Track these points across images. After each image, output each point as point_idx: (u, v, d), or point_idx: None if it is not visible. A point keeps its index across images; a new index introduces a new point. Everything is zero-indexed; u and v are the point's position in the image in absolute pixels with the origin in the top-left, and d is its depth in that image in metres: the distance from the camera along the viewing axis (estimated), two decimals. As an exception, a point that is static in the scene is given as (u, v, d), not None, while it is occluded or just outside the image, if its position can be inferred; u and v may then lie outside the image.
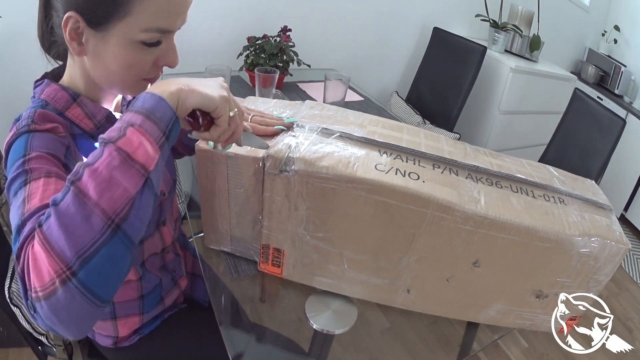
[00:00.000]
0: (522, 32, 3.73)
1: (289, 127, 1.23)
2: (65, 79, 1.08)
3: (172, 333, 1.38)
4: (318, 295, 1.32)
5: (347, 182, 1.06)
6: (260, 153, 1.13)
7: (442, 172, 1.14)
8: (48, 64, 1.12)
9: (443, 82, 3.49)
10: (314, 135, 1.19)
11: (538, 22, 3.82)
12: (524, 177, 1.23)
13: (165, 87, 0.85)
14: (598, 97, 4.23)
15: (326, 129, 1.23)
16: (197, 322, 1.40)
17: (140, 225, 0.79)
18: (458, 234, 1.08)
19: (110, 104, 1.15)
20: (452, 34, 3.51)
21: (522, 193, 1.16)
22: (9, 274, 1.40)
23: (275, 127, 1.21)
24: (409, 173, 1.09)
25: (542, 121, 3.80)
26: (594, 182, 1.37)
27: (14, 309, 1.37)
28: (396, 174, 1.08)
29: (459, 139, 3.04)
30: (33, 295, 0.71)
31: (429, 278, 1.19)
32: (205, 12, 2.92)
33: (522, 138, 3.95)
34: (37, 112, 0.96)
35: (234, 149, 1.14)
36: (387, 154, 1.16)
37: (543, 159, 2.84)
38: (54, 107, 1.02)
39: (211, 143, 1.13)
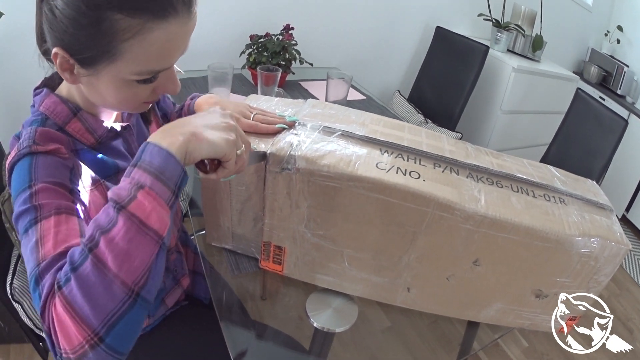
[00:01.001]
0: (524, 31, 3.73)
1: (291, 125, 1.23)
2: (63, 90, 1.06)
3: (173, 330, 1.38)
4: (319, 293, 1.33)
5: (348, 180, 1.06)
6: (262, 151, 1.13)
7: (442, 171, 1.14)
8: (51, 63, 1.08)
9: (445, 82, 3.49)
10: (316, 134, 1.20)
11: (541, 21, 3.82)
12: (524, 176, 1.23)
13: (172, 138, 0.84)
14: (600, 97, 4.23)
15: (328, 127, 1.23)
16: (198, 319, 1.41)
17: (156, 285, 0.82)
18: (458, 233, 1.08)
19: (110, 115, 1.12)
20: (454, 33, 3.51)
21: (522, 193, 1.16)
22: (10, 270, 1.41)
23: (277, 125, 1.21)
24: (410, 172, 1.09)
25: (544, 121, 3.80)
26: (595, 182, 1.37)
27: (16, 305, 1.38)
28: (397, 172, 1.08)
29: (460, 139, 3.04)
30: (63, 354, 0.75)
31: (429, 277, 1.20)
32: (208, 10, 2.90)
33: (524, 138, 3.96)
34: (38, 131, 0.94)
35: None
36: (388, 152, 1.16)
37: (545, 159, 2.84)
38: (54, 121, 1.00)
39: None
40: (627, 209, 4.23)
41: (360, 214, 1.11)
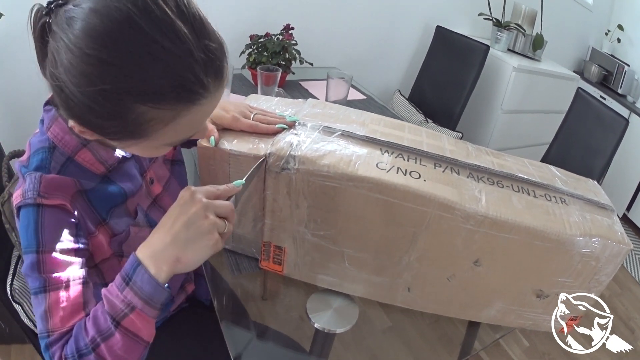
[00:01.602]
0: (525, 31, 3.73)
1: (291, 125, 1.23)
2: None
3: (174, 332, 1.37)
4: (319, 294, 1.33)
5: (348, 180, 1.06)
6: (262, 151, 1.14)
7: (443, 171, 1.14)
8: None
9: (445, 81, 3.49)
10: (316, 134, 1.20)
11: (541, 21, 3.82)
12: (525, 176, 1.23)
13: (158, 266, 0.88)
14: (601, 96, 4.23)
15: (328, 127, 1.23)
16: (199, 320, 1.40)
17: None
18: (459, 233, 1.08)
19: None
20: (454, 32, 3.51)
21: (523, 192, 1.16)
22: (10, 272, 1.39)
23: (278, 125, 1.21)
24: (410, 172, 1.09)
25: (545, 120, 3.80)
26: (596, 182, 1.37)
27: (16, 306, 1.36)
28: (397, 172, 1.08)
29: (461, 138, 3.05)
30: None
31: (429, 277, 1.19)
32: (208, 9, 2.88)
33: (525, 137, 3.95)
34: (42, 181, 0.92)
35: (236, 146, 1.16)
36: (388, 152, 1.16)
37: (546, 158, 2.84)
38: (61, 150, 0.98)
39: (212, 140, 1.15)
40: (628, 208, 4.23)
41: (361, 214, 1.11)
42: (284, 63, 2.69)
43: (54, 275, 0.91)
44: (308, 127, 1.23)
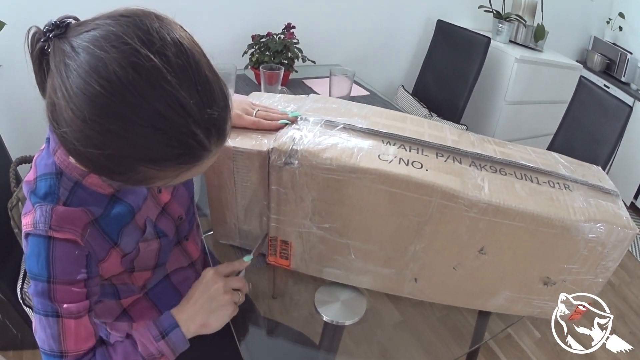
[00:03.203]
0: (525, 22, 3.72)
1: (293, 121, 1.24)
2: None
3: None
4: (327, 286, 1.34)
5: (350, 172, 1.07)
6: (265, 147, 1.15)
7: (445, 161, 1.15)
8: None
9: (448, 75, 3.49)
10: (318, 128, 1.20)
11: (542, 11, 3.80)
12: (528, 164, 1.23)
13: (190, 328, 1.10)
14: (604, 85, 4.20)
15: (330, 121, 1.24)
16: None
17: None
18: (463, 221, 1.09)
19: None
20: (455, 26, 3.51)
21: (526, 180, 1.17)
22: (20, 275, 1.42)
23: (280, 121, 1.23)
24: (412, 162, 1.10)
25: (549, 110, 3.78)
26: (599, 168, 1.37)
27: (27, 309, 1.39)
28: (399, 163, 1.09)
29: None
30: None
31: (435, 266, 1.20)
32: (210, 11, 2.94)
33: (529, 128, 3.94)
34: (54, 214, 0.93)
35: (240, 142, 1.19)
36: (390, 143, 1.17)
37: (550, 148, 2.83)
38: (69, 175, 0.98)
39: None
40: (636, 197, 4.22)
41: (365, 205, 1.12)
42: (286, 62, 2.70)
43: (66, 305, 0.96)
44: (310, 122, 1.24)
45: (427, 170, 1.08)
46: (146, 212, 1.14)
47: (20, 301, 1.38)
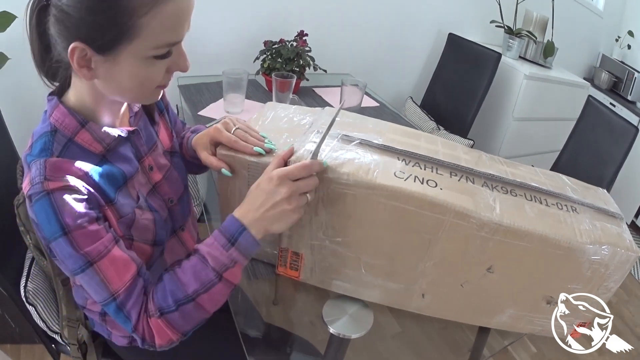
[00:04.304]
0: (536, 38, 3.74)
1: (268, 152, 1.22)
2: (72, 100, 1.09)
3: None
4: (335, 300, 1.35)
5: (367, 188, 1.09)
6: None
7: (459, 180, 1.17)
8: (52, 82, 1.13)
9: (458, 88, 3.50)
10: (335, 142, 1.22)
11: (552, 27, 3.82)
12: (538, 185, 1.25)
13: (259, 229, 1.08)
14: (611, 103, 4.21)
15: (346, 135, 1.26)
16: (213, 322, 1.43)
17: None
18: (473, 240, 1.10)
19: (116, 118, 1.17)
20: (467, 40, 3.52)
21: (535, 201, 1.19)
22: (24, 273, 1.43)
23: (255, 149, 1.21)
24: (427, 180, 1.12)
25: (556, 128, 3.78)
26: (605, 191, 1.39)
27: (30, 307, 1.40)
28: (414, 181, 1.10)
29: (472, 146, 3.07)
30: (157, 347, 1.07)
31: (443, 283, 1.22)
32: (223, 15, 2.96)
33: (536, 144, 3.96)
34: (47, 165, 0.98)
35: (254, 156, 1.21)
36: (405, 161, 1.19)
37: (556, 165, 2.85)
38: (62, 133, 1.05)
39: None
40: (636, 216, 4.23)
41: (378, 221, 1.13)
42: (297, 69, 2.70)
43: (92, 247, 0.98)
44: (328, 136, 1.24)
45: (441, 189, 1.10)
46: (138, 185, 1.19)
47: (24, 299, 1.39)
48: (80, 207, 0.98)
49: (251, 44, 2.92)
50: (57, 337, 1.50)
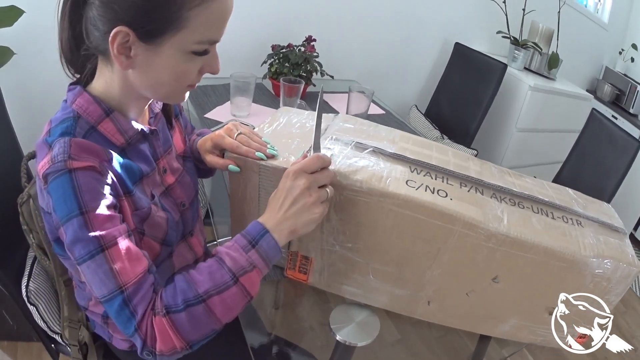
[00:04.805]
0: (541, 49, 3.76)
1: (270, 157, 1.22)
2: (98, 89, 1.08)
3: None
4: (342, 307, 1.36)
5: (379, 196, 1.10)
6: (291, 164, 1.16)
7: (468, 191, 1.19)
8: (72, 71, 1.12)
9: (462, 98, 3.51)
10: (348, 149, 1.24)
11: (557, 39, 3.85)
12: (545, 198, 1.27)
13: (281, 233, 1.06)
14: (613, 115, 4.23)
15: (360, 143, 1.28)
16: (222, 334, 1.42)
17: None
18: (481, 250, 1.12)
19: (139, 115, 1.17)
20: (473, 50, 3.54)
21: (542, 214, 1.21)
22: (26, 273, 1.43)
23: (257, 154, 1.21)
24: (438, 190, 1.13)
25: (559, 139, 3.81)
26: (609, 205, 1.41)
27: (31, 307, 1.39)
28: (426, 190, 1.12)
29: (476, 155, 3.06)
30: (157, 353, 0.97)
31: (449, 291, 1.24)
32: (231, 18, 2.92)
33: (538, 155, 3.97)
34: (72, 144, 0.96)
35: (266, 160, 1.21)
36: (417, 170, 1.20)
37: (558, 177, 2.87)
38: (86, 120, 1.03)
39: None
40: (635, 228, 4.25)
41: (389, 228, 1.15)
42: (305, 75, 2.70)
43: (106, 231, 0.95)
44: (341, 142, 1.27)
45: (451, 199, 1.12)
46: (152, 184, 1.19)
47: (25, 298, 1.38)
48: (102, 189, 0.97)
49: (259, 46, 2.92)
50: (58, 338, 1.47)
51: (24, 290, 1.38)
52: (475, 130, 3.38)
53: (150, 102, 1.21)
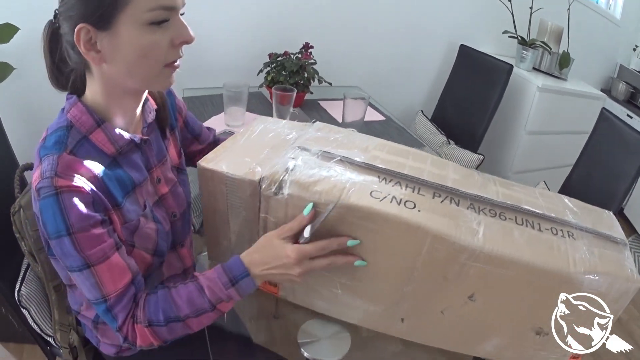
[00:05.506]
0: (550, 49, 3.66)
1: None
2: (88, 99, 1.14)
3: (174, 345, 1.36)
4: (312, 322, 1.35)
5: (339, 208, 1.05)
6: (257, 175, 1.15)
7: (442, 202, 1.12)
8: (61, 91, 1.18)
9: (469, 101, 3.43)
10: (314, 159, 1.20)
11: (568, 37, 3.74)
12: (532, 208, 1.19)
13: (262, 279, 1.16)
14: (628, 115, 4.12)
15: (327, 152, 1.23)
16: (200, 334, 1.40)
17: None
18: (452, 266, 1.06)
19: (129, 123, 1.22)
20: (478, 51, 3.46)
21: (527, 226, 1.13)
22: (20, 277, 1.48)
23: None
24: (405, 201, 1.07)
25: (570, 141, 3.63)
26: (611, 213, 1.33)
27: (24, 311, 1.45)
28: (391, 202, 1.06)
29: (482, 161, 3.03)
30: (137, 346, 1.14)
31: (423, 309, 1.18)
32: (229, 26, 3.00)
33: (550, 159, 3.83)
34: (59, 161, 1.02)
35: (232, 169, 1.19)
36: (386, 180, 1.15)
37: (568, 181, 2.77)
38: (78, 129, 1.10)
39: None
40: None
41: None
42: (302, 82, 2.68)
43: (92, 251, 1.04)
44: (307, 152, 1.22)
45: (419, 210, 1.05)
46: (146, 194, 1.24)
47: (18, 303, 1.44)
48: (87, 210, 1.03)
49: (257, 55, 2.91)
50: (51, 340, 1.54)
51: (16, 295, 1.44)
52: (482, 135, 3.30)
53: (140, 107, 1.24)
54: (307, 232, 1.09)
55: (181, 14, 1.10)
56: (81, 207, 1.02)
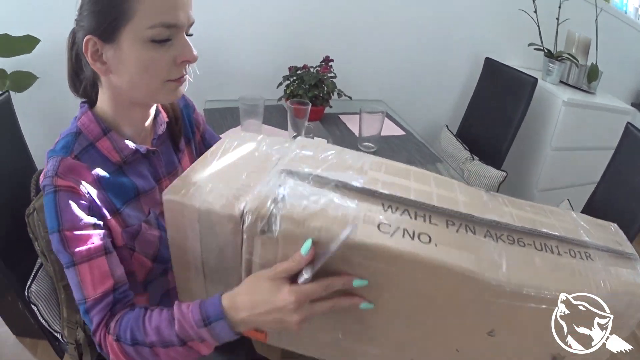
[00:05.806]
0: (578, 61, 3.56)
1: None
2: (98, 109, 1.22)
3: None
4: None
5: (344, 247, 0.90)
6: (238, 209, 0.98)
7: (457, 231, 1.00)
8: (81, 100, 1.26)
9: (493, 116, 3.37)
10: (305, 185, 1.04)
11: (596, 49, 3.63)
12: (548, 231, 1.10)
13: (240, 326, 1.02)
14: (660, 129, 4.02)
15: (319, 177, 1.08)
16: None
17: None
18: (474, 305, 0.97)
19: (137, 134, 1.28)
20: (502, 64, 3.39)
21: (546, 251, 1.05)
22: (32, 275, 1.53)
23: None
24: (419, 234, 0.95)
25: (598, 158, 3.54)
26: (616, 226, 1.26)
27: (33, 307, 1.50)
28: (403, 236, 0.93)
29: (505, 178, 2.98)
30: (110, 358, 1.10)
31: (435, 348, 1.09)
32: (252, 39, 3.04)
33: (576, 176, 3.72)
34: (61, 163, 1.10)
35: (208, 202, 1.02)
36: (392, 208, 1.01)
37: (592, 199, 2.67)
38: (86, 136, 1.18)
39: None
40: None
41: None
42: (321, 96, 2.67)
43: (77, 249, 1.07)
44: (297, 177, 1.08)
45: (436, 245, 0.93)
46: (152, 202, 1.29)
47: (27, 299, 1.49)
48: (79, 211, 1.09)
49: (277, 67, 2.94)
50: (59, 336, 1.57)
51: (26, 291, 1.50)
52: (506, 150, 3.23)
53: (150, 119, 1.31)
54: (307, 273, 0.94)
55: (190, 35, 1.15)
56: (74, 207, 1.08)
